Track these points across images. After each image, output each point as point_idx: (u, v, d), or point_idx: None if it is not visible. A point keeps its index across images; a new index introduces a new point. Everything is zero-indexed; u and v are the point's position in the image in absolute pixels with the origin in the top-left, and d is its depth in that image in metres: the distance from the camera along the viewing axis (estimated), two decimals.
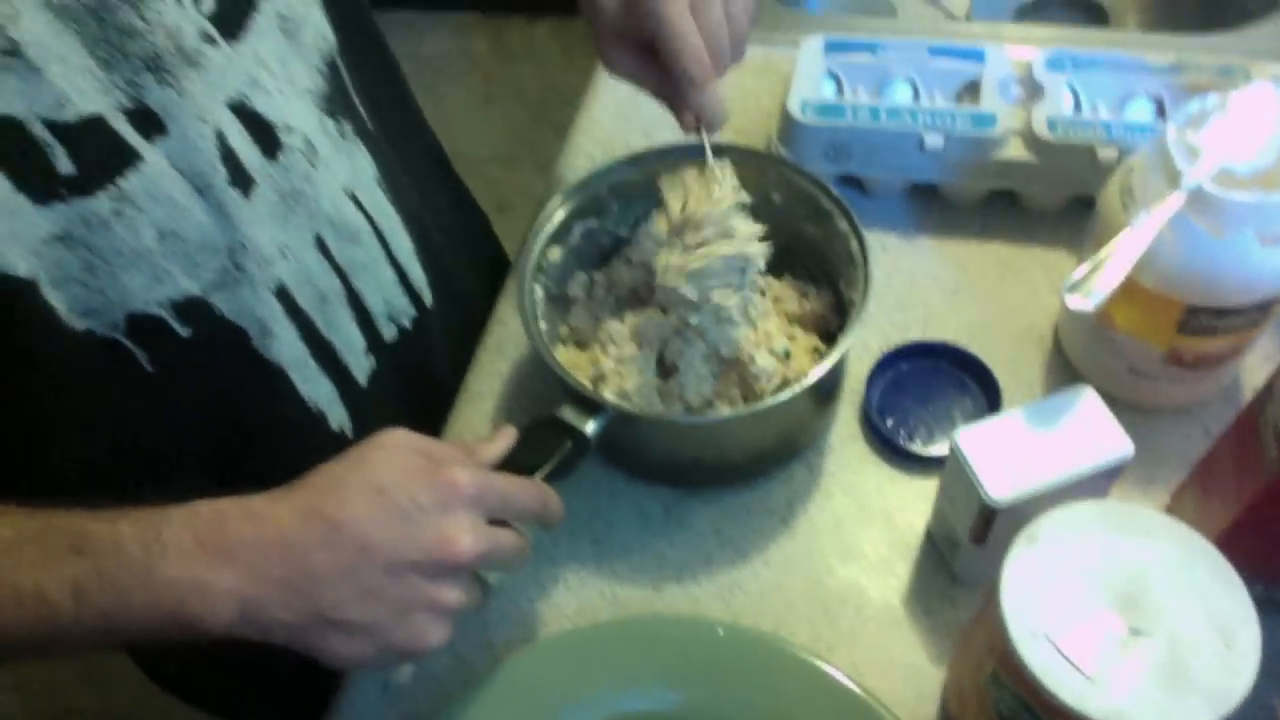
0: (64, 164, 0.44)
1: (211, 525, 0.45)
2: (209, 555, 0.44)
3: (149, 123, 0.47)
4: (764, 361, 0.61)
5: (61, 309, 0.47)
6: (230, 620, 0.44)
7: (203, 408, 0.56)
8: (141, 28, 0.45)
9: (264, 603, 0.44)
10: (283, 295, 0.56)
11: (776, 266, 0.66)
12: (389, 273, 0.64)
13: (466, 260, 0.77)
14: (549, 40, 2.50)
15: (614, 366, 0.62)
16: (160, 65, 0.46)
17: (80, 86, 0.44)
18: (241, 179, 0.51)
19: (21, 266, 0.45)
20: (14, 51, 0.41)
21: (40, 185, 0.44)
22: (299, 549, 0.45)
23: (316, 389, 0.60)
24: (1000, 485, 0.50)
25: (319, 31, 0.58)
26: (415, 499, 0.46)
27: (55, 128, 0.43)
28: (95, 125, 0.45)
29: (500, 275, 0.82)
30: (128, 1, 0.45)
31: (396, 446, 0.49)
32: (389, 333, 0.65)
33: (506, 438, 0.55)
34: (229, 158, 0.50)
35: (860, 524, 0.62)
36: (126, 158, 0.46)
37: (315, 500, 0.46)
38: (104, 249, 0.47)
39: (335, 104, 0.58)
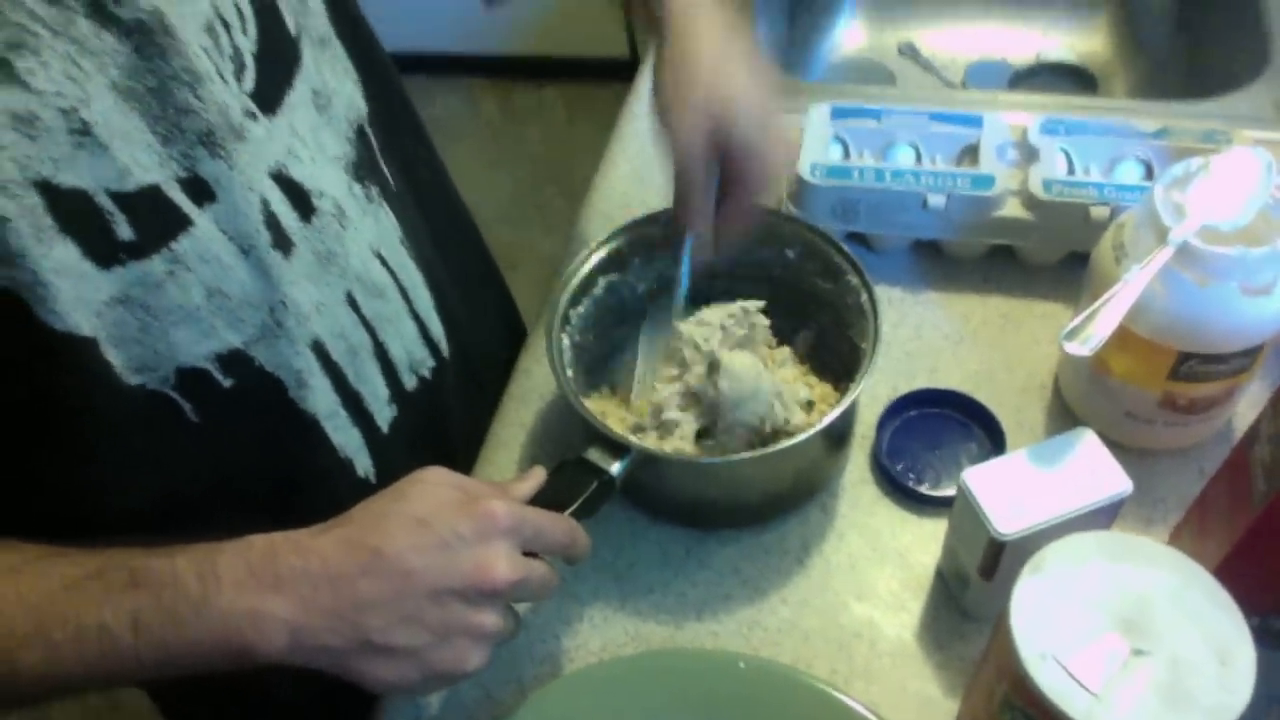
0: (124, 230, 0.47)
1: (264, 557, 0.47)
2: (261, 586, 0.46)
3: (200, 191, 0.50)
4: (797, 419, 0.64)
5: (118, 365, 0.50)
6: (282, 648, 0.46)
7: (242, 457, 0.58)
8: (197, 106, 0.48)
9: (314, 630, 0.46)
10: (318, 349, 0.59)
11: (790, 317, 0.70)
12: (410, 326, 0.67)
13: (479, 312, 0.80)
14: (555, 103, 2.58)
15: (655, 435, 0.65)
16: (213, 140, 0.49)
17: (140, 160, 0.47)
18: (282, 242, 0.54)
19: (85, 327, 0.47)
20: (85, 131, 0.45)
21: (104, 251, 0.47)
22: (346, 578, 0.47)
23: (346, 437, 0.63)
24: (1007, 521, 0.53)
25: (350, 103, 0.62)
26: (455, 529, 0.49)
27: (117, 197, 0.47)
28: (152, 194, 0.48)
29: (513, 329, 0.86)
30: (185, 84, 0.48)
31: (435, 482, 0.51)
32: (410, 382, 0.68)
33: (536, 477, 0.58)
34: (271, 222, 0.54)
35: (873, 563, 0.65)
36: (180, 223, 0.49)
37: (359, 532, 0.49)
38: (157, 308, 0.50)
39: (363, 169, 0.62)
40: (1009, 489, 0.54)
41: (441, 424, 0.73)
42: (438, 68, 2.54)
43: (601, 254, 0.69)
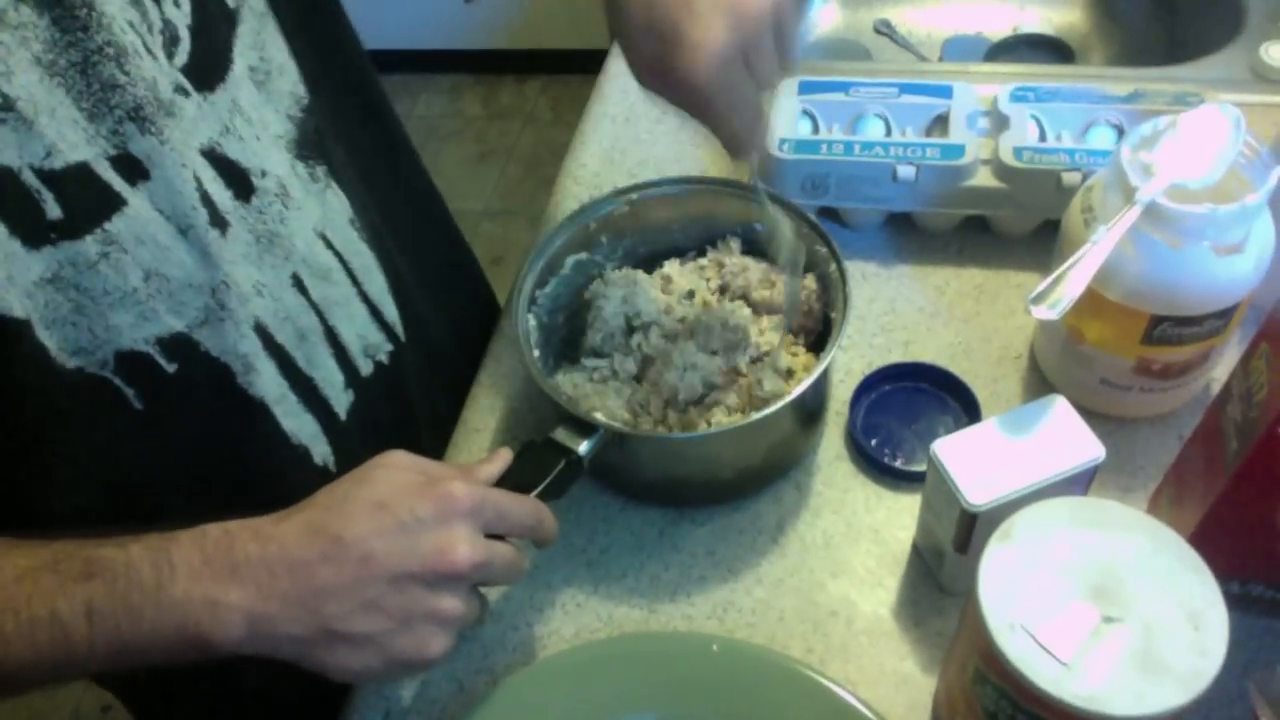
0: (53, 209, 0.46)
1: (219, 545, 0.46)
2: (217, 574, 0.45)
3: (132, 169, 0.49)
4: (771, 384, 0.63)
5: (53, 348, 0.49)
6: (240, 636, 0.45)
7: (190, 444, 0.57)
8: (124, 81, 0.47)
9: (272, 618, 0.46)
10: (261, 332, 0.57)
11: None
12: (361, 309, 0.65)
13: (445, 296, 0.79)
14: (539, 98, 2.57)
15: (593, 388, 0.64)
16: (141, 115, 0.48)
17: (68, 137, 0.46)
18: (218, 220, 0.53)
19: (17, 308, 0.46)
20: (8, 106, 0.44)
21: (32, 230, 0.46)
22: (304, 564, 0.46)
23: (299, 424, 0.61)
24: (979, 491, 0.52)
25: (292, 80, 0.60)
26: (414, 512, 0.48)
27: (44, 175, 0.45)
28: (82, 172, 0.47)
29: (488, 314, 0.84)
30: (110, 58, 0.47)
31: (397, 466, 0.51)
32: (365, 368, 0.66)
33: (502, 459, 0.57)
34: (206, 200, 0.52)
35: (849, 540, 0.63)
36: (112, 202, 0.48)
37: (318, 517, 0.48)
38: (92, 289, 0.49)
39: (307, 148, 0.60)
40: (980, 459, 0.53)
41: (403, 410, 0.71)
42: (421, 65, 2.53)
43: (568, 233, 0.68)
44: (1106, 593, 0.43)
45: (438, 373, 0.74)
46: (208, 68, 0.53)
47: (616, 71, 0.96)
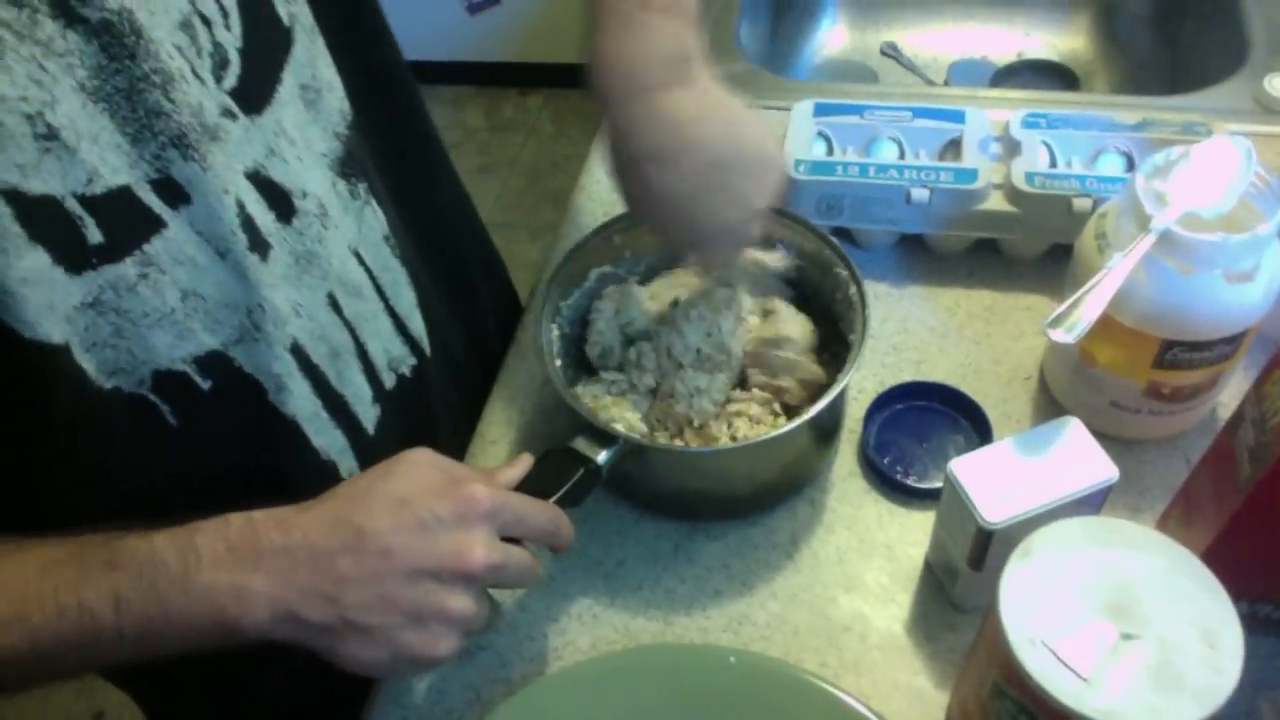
0: (94, 234, 0.46)
1: (242, 533, 0.47)
2: (241, 561, 0.46)
3: (173, 193, 0.49)
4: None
5: (91, 370, 0.49)
6: (263, 622, 0.46)
7: (222, 459, 0.58)
8: (168, 108, 0.48)
9: (293, 605, 0.47)
10: (297, 352, 0.58)
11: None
12: (387, 323, 0.66)
13: (470, 310, 0.80)
14: (541, 111, 2.58)
15: (611, 400, 0.65)
16: (185, 142, 0.49)
17: (110, 161, 0.46)
18: (259, 244, 0.54)
19: (56, 334, 0.46)
20: (52, 135, 0.44)
21: (74, 256, 0.46)
22: (326, 554, 0.47)
23: (329, 440, 0.62)
24: (994, 509, 0.53)
25: (339, 97, 0.61)
26: (434, 511, 0.49)
27: (86, 201, 0.46)
28: (122, 195, 0.47)
29: (514, 326, 0.85)
30: (156, 85, 0.47)
31: (420, 463, 0.52)
32: (389, 381, 0.67)
33: (523, 464, 0.58)
34: (248, 224, 0.53)
35: (862, 556, 0.64)
36: (151, 224, 0.49)
37: (341, 509, 0.49)
38: (132, 311, 0.49)
39: (350, 166, 0.61)
40: (996, 478, 0.54)
41: (425, 423, 0.72)
42: (424, 77, 2.53)
43: (591, 246, 0.69)
44: (1124, 610, 0.44)
45: (456, 384, 0.75)
46: (256, 90, 0.53)
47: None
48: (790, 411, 0.66)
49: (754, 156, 0.59)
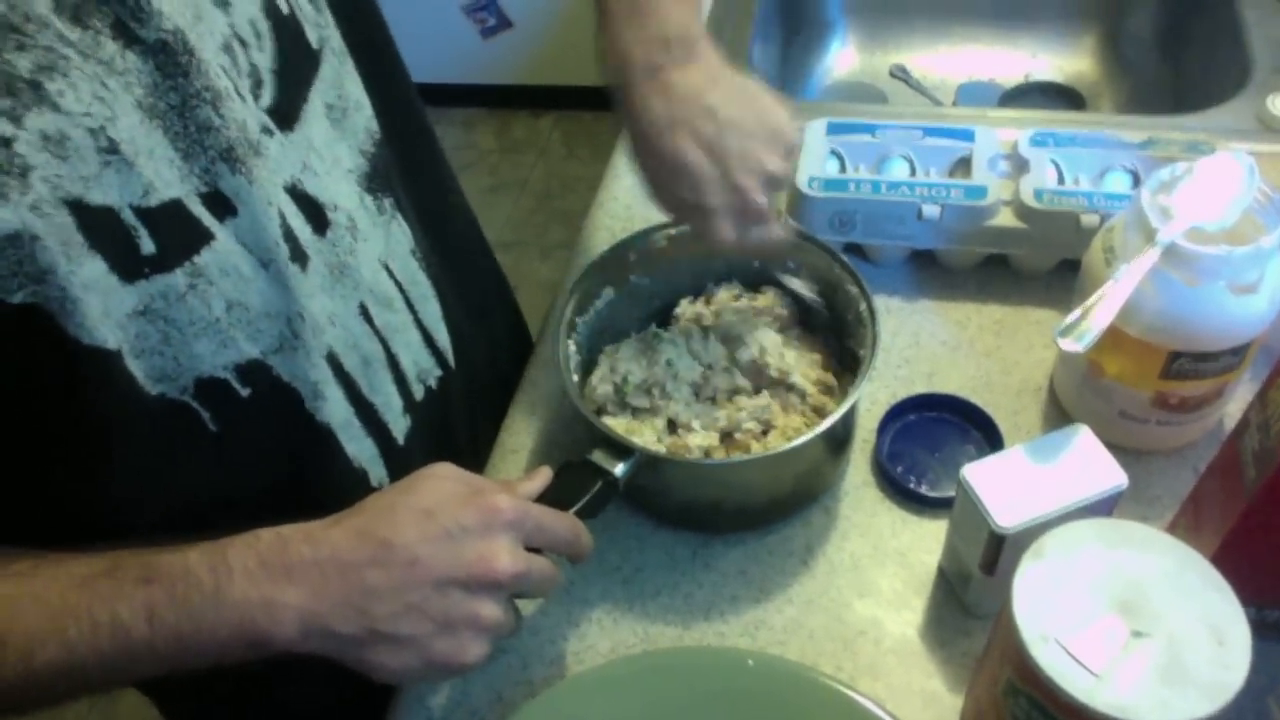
0: (147, 245, 0.49)
1: (272, 548, 0.48)
2: (272, 575, 0.48)
3: (221, 205, 0.51)
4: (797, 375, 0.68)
5: (140, 376, 0.51)
6: (294, 635, 0.48)
7: (258, 466, 0.59)
8: (218, 123, 0.50)
9: (323, 618, 0.48)
10: (331, 360, 0.60)
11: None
12: (416, 335, 0.68)
13: (486, 325, 0.82)
14: (551, 132, 2.61)
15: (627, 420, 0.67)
16: (233, 155, 0.51)
17: (164, 175, 0.48)
18: (299, 254, 0.56)
19: (110, 340, 0.48)
20: (113, 149, 0.46)
21: (128, 265, 0.48)
22: (354, 567, 0.48)
23: (360, 447, 0.64)
24: (1007, 514, 0.55)
25: (366, 116, 0.63)
26: (460, 521, 0.50)
27: (141, 213, 0.48)
28: (175, 209, 0.49)
29: (522, 344, 0.87)
30: (206, 101, 0.49)
31: (443, 476, 0.53)
32: (418, 392, 0.69)
33: (542, 476, 0.59)
34: (289, 235, 0.55)
35: (876, 563, 0.66)
36: (201, 237, 0.51)
37: (368, 523, 0.50)
38: (179, 320, 0.51)
39: (376, 182, 0.64)
40: (1008, 484, 0.56)
41: (449, 434, 0.74)
42: (437, 98, 2.57)
43: (607, 264, 0.71)
44: (1134, 609, 0.45)
45: (479, 397, 0.77)
46: (288, 108, 0.55)
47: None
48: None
49: (765, 122, 0.62)
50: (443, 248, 0.73)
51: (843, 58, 1.21)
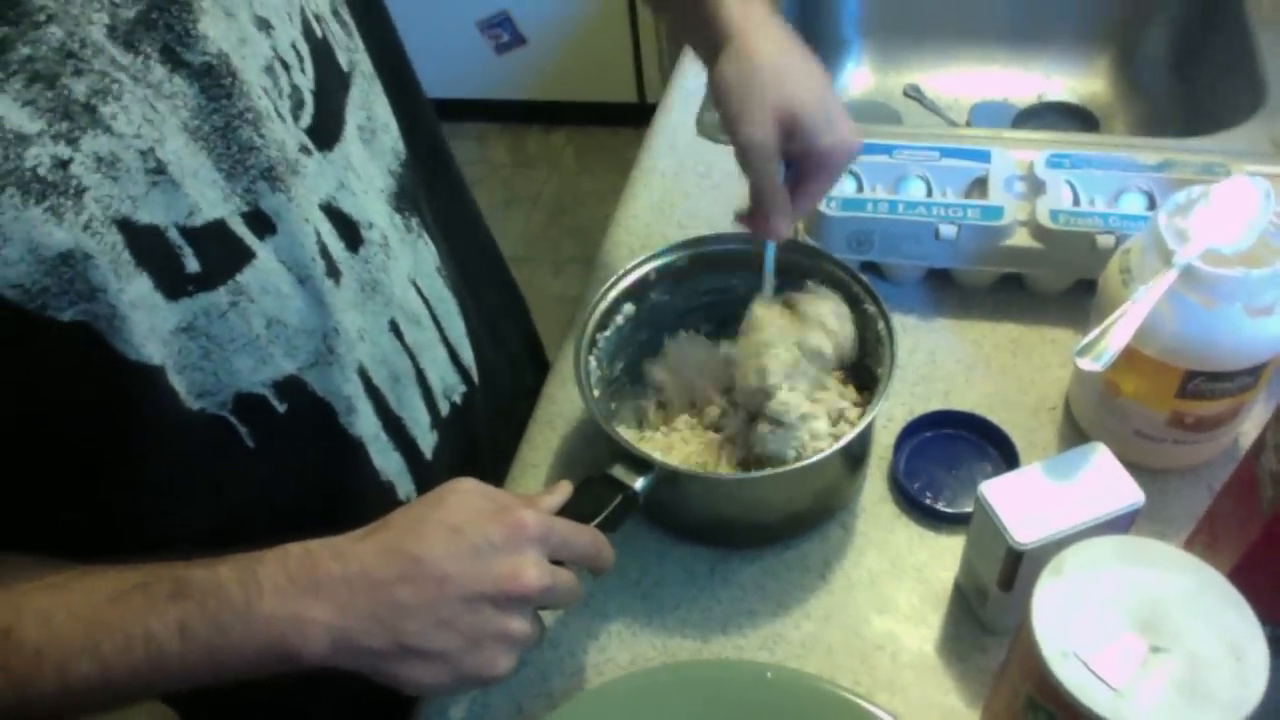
0: (191, 263, 0.50)
1: (301, 564, 0.49)
2: (302, 591, 0.48)
3: (262, 224, 0.53)
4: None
5: (182, 391, 0.52)
6: (323, 651, 0.48)
7: (292, 480, 0.60)
8: (259, 144, 0.51)
9: (353, 633, 0.48)
10: (363, 375, 0.61)
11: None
12: (442, 352, 0.69)
13: (505, 342, 0.83)
14: (564, 147, 2.63)
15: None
16: (273, 175, 0.52)
17: (208, 195, 0.50)
18: (334, 271, 0.57)
19: (155, 356, 0.49)
20: (160, 170, 0.47)
21: (173, 283, 0.49)
22: (383, 583, 0.49)
23: (388, 461, 0.65)
24: (1025, 531, 0.55)
25: (393, 137, 0.65)
26: (487, 537, 0.51)
27: (186, 232, 0.49)
28: (218, 228, 0.51)
29: (538, 361, 0.88)
30: (249, 122, 0.51)
31: (468, 491, 0.54)
32: (444, 408, 0.70)
33: (563, 490, 0.60)
34: (324, 252, 0.56)
35: (893, 578, 0.66)
36: (243, 255, 0.52)
37: (396, 538, 0.51)
38: (220, 336, 0.52)
39: (404, 201, 0.65)
40: (1025, 501, 0.56)
41: (473, 449, 0.75)
42: (450, 113, 2.60)
43: (628, 281, 0.72)
44: (1153, 625, 0.46)
45: (500, 413, 0.78)
46: (327, 128, 0.57)
47: (662, 126, 1.01)
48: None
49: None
50: (463, 265, 0.74)
51: (857, 77, 1.23)
